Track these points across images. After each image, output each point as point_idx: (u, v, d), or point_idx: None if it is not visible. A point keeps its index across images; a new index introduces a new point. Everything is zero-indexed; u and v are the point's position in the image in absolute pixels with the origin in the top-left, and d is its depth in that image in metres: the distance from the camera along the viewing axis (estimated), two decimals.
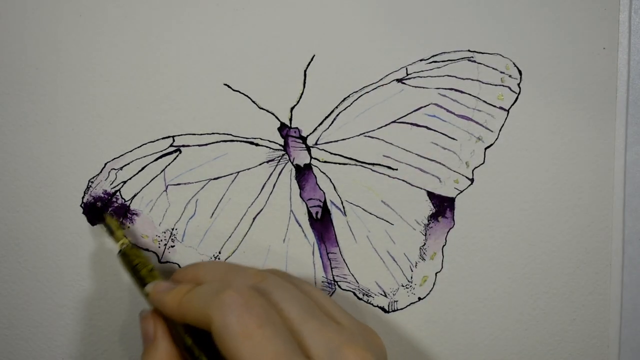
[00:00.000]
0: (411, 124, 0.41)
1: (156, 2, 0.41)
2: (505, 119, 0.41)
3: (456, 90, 0.41)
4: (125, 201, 0.41)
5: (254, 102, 0.41)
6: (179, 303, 0.33)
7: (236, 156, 0.41)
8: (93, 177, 0.41)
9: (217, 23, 0.41)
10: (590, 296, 0.42)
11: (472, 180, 0.42)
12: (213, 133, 0.41)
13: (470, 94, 0.41)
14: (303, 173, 0.42)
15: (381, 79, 0.41)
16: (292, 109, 0.41)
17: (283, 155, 0.41)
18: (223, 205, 0.42)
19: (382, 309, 0.42)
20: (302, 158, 0.41)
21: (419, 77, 0.41)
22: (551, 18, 0.41)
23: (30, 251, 0.42)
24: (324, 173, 0.42)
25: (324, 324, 0.31)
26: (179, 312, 0.33)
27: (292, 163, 0.41)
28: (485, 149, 0.41)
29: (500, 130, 0.41)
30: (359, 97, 0.41)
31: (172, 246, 0.42)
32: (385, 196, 0.42)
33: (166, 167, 0.41)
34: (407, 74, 0.41)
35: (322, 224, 0.42)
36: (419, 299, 0.42)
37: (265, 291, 0.32)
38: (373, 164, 0.41)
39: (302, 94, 0.41)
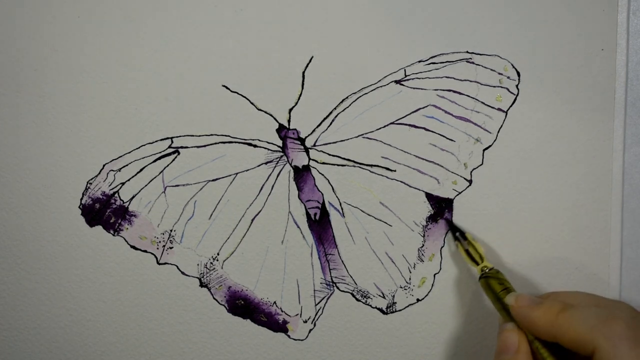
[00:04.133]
0: (409, 125, 0.41)
1: (154, 3, 0.41)
2: (504, 120, 0.41)
3: (454, 91, 0.41)
4: (123, 202, 0.41)
5: (252, 103, 0.41)
6: (552, 321, 0.33)
7: (235, 157, 0.41)
8: (91, 179, 0.41)
9: (215, 24, 0.41)
10: None
11: (470, 181, 0.42)
12: (211, 134, 0.41)
13: (468, 96, 0.41)
14: (301, 174, 0.42)
15: (379, 81, 0.41)
16: (290, 110, 0.41)
17: (281, 156, 0.41)
18: (221, 206, 0.42)
19: (381, 310, 0.42)
20: (300, 159, 0.41)
21: (417, 78, 0.41)
22: (549, 19, 0.41)
23: (28, 252, 0.42)
24: (323, 174, 0.42)
25: None
26: (550, 331, 0.33)
27: (290, 164, 0.41)
28: (484, 150, 0.41)
29: (498, 131, 0.41)
30: (357, 98, 0.41)
31: (171, 247, 0.42)
32: (383, 197, 0.42)
33: (165, 168, 0.41)
34: (406, 76, 0.41)
35: (320, 225, 0.42)
36: (418, 300, 0.42)
37: None
38: (371, 165, 0.41)
39: (300, 95, 0.41)
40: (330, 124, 0.41)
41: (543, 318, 0.33)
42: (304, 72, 0.41)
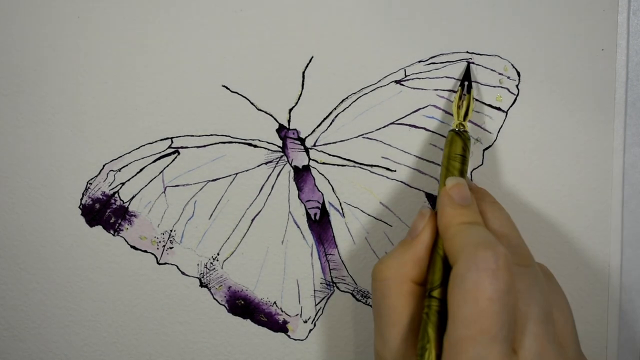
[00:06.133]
0: (409, 125, 0.41)
1: (154, 4, 0.41)
2: (504, 120, 0.41)
3: (455, 91, 0.41)
4: (123, 203, 0.41)
5: (252, 103, 0.41)
6: (452, 225, 0.31)
7: (235, 157, 0.41)
8: (91, 179, 0.41)
9: (215, 25, 0.41)
10: (588, 298, 0.42)
11: None
12: (211, 134, 0.41)
13: None
14: (301, 174, 0.42)
15: (379, 81, 0.41)
16: (290, 110, 0.41)
17: (281, 156, 0.41)
18: (221, 206, 0.42)
19: None
20: (300, 159, 0.41)
21: (417, 78, 0.41)
22: (550, 19, 0.41)
23: (28, 252, 0.42)
24: (323, 174, 0.42)
25: (549, 342, 0.29)
26: (443, 232, 0.32)
27: (290, 164, 0.41)
28: (484, 150, 0.41)
29: (498, 131, 0.41)
30: (358, 98, 0.41)
31: (171, 247, 0.42)
32: (383, 198, 0.42)
33: (165, 168, 0.41)
34: (406, 76, 0.41)
35: (320, 225, 0.42)
36: None
37: (521, 277, 0.30)
38: (371, 166, 0.41)
39: (300, 95, 0.41)
40: (330, 124, 0.41)
41: (447, 216, 0.32)
42: (304, 72, 0.41)
